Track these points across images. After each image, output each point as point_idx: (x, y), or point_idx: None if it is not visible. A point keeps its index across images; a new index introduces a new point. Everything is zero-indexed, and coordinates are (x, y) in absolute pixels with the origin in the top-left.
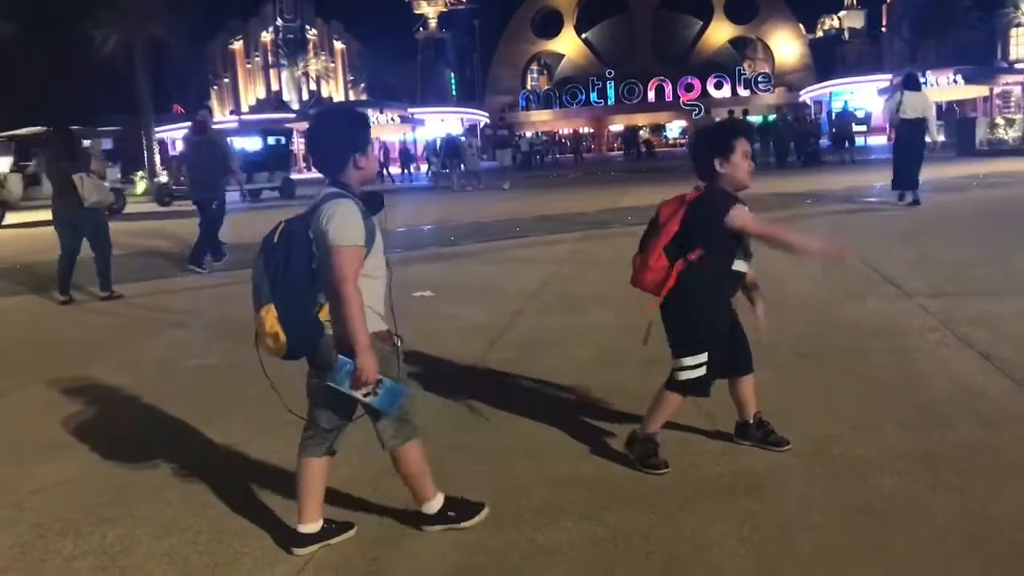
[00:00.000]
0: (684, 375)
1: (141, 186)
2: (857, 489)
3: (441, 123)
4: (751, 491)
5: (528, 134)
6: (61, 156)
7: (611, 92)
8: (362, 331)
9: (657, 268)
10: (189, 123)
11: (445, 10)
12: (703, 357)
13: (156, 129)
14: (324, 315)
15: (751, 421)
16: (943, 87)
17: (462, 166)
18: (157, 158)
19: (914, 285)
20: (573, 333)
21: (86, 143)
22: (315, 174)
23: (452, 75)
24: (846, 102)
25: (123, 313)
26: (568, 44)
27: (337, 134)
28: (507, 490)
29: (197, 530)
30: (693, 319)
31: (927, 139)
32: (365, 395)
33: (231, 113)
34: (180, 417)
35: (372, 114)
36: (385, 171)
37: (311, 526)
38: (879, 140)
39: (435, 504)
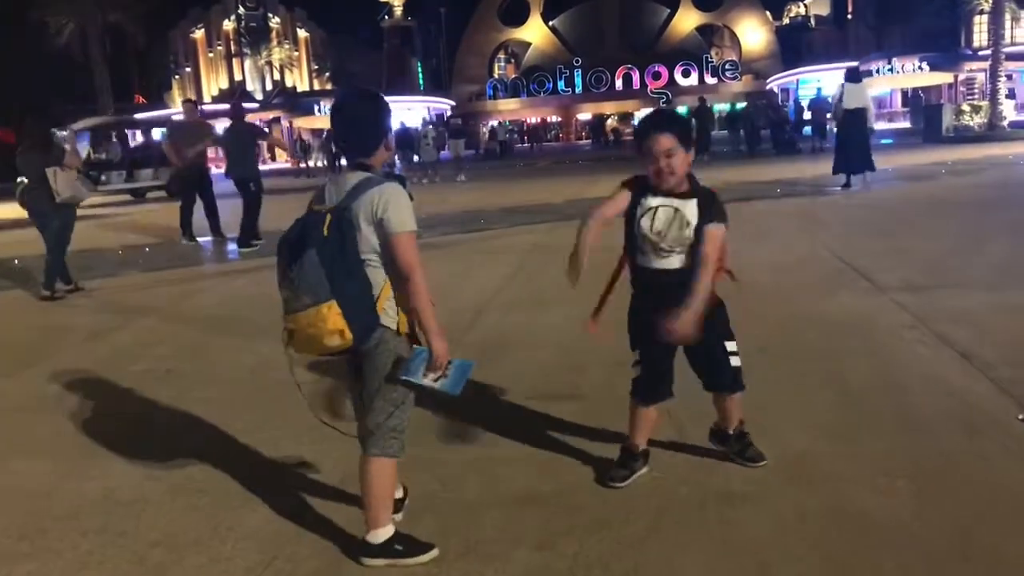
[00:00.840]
0: (632, 372)
1: None
2: (837, 509)
3: (408, 112)
4: (723, 513)
5: (494, 123)
6: (35, 148)
7: (579, 80)
8: (434, 316)
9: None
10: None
11: None
12: (636, 356)
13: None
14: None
15: (731, 432)
16: (908, 73)
17: (415, 157)
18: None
19: (887, 278)
20: (537, 333)
21: (63, 133)
22: None
23: (419, 64)
24: (819, 88)
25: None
26: (535, 32)
27: (373, 116)
28: (457, 512)
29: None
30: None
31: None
32: (436, 379)
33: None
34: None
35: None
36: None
37: (386, 530)
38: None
39: (383, 534)
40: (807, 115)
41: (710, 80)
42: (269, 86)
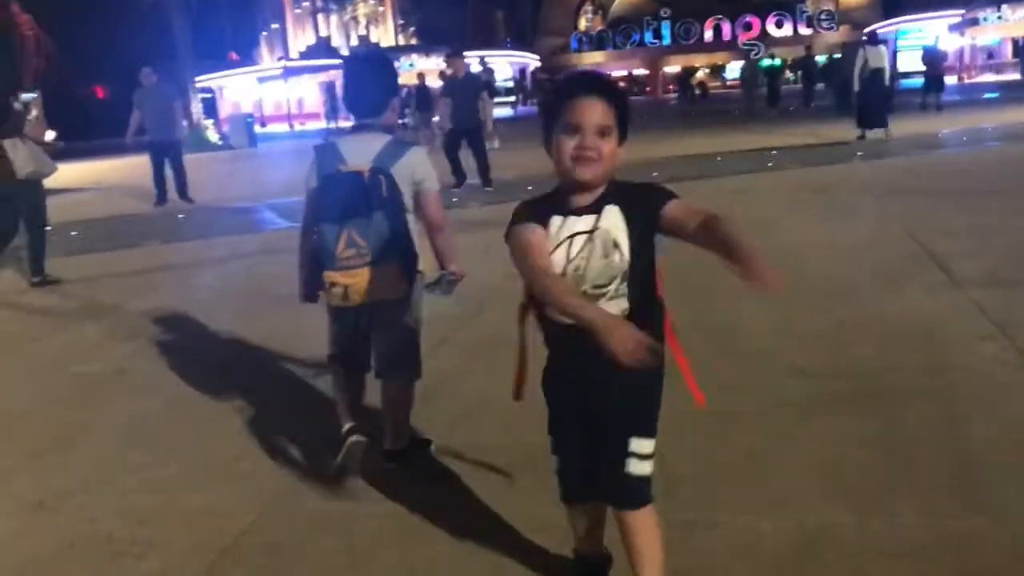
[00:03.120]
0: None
1: (212, 136)
2: None
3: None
4: None
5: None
6: None
7: (666, 32)
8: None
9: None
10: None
11: None
12: (554, 441)
13: (199, 78)
14: None
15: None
16: (1021, 20)
17: (435, 118)
18: (199, 107)
19: (965, 268)
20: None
21: (27, 97)
22: None
23: (503, 17)
24: (937, 37)
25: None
26: None
27: (382, 77)
28: None
29: None
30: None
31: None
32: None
33: (279, 59)
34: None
35: (417, 59)
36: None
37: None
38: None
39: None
40: (920, 67)
41: (804, 31)
42: (354, 41)
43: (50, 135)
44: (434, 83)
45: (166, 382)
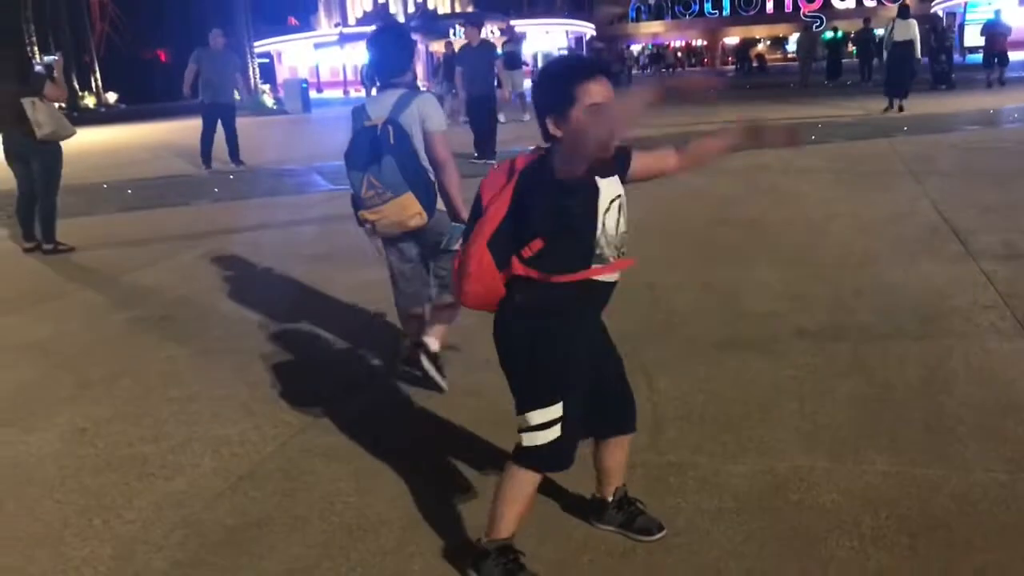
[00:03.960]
0: (530, 438)
1: (268, 100)
2: (802, 561)
3: (545, 35)
4: (653, 562)
5: (637, 47)
6: (8, 78)
7: (727, 2)
8: (461, 197)
9: (479, 274)
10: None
11: None
12: (556, 410)
13: (256, 43)
14: None
15: (610, 499)
16: None
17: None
18: (256, 72)
19: (985, 242)
20: None
21: (50, 59)
22: None
23: None
24: (998, 11)
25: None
26: None
27: (401, 48)
28: None
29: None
30: (532, 352)
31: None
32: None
33: (336, 26)
34: None
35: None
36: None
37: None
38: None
39: (434, 345)
40: (980, 41)
41: (869, 2)
42: (411, 8)
43: (112, 97)
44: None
45: (205, 329)
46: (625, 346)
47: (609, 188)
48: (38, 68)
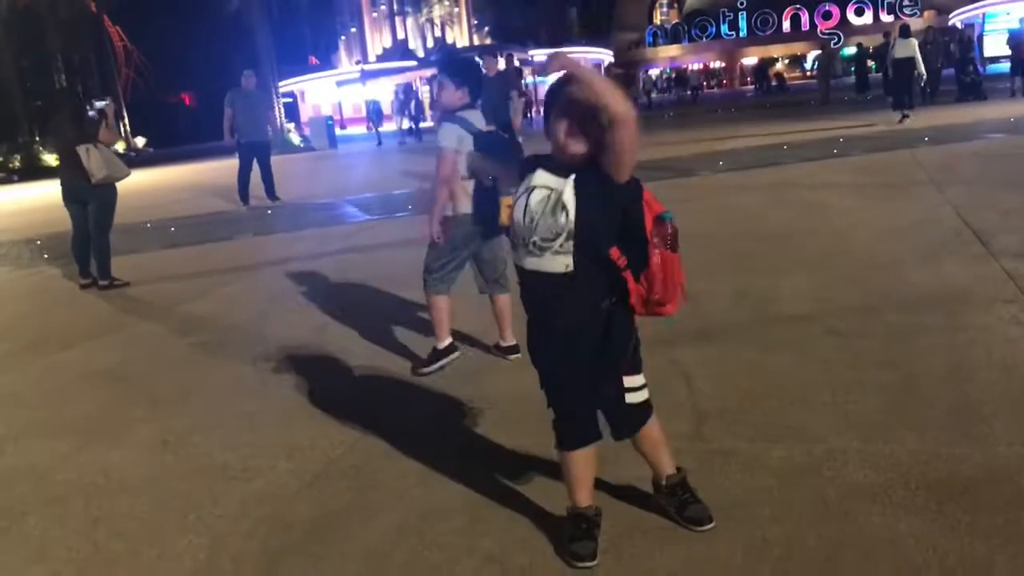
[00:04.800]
0: (550, 416)
1: (295, 138)
2: (839, 524)
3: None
4: (703, 532)
5: (655, 71)
6: (66, 124)
7: (743, 23)
8: (442, 210)
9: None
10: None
11: None
12: (553, 392)
13: (281, 83)
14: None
15: (663, 483)
16: None
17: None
18: (281, 111)
19: (1005, 242)
20: None
21: (100, 104)
22: None
23: (576, 13)
24: (1022, 19)
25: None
26: None
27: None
28: None
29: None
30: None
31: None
32: None
33: (356, 63)
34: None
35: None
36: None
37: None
38: None
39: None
40: (1007, 51)
41: (886, 18)
42: (430, 43)
43: (140, 141)
44: None
45: (261, 351)
46: (663, 349)
47: (539, 177)
48: (91, 113)
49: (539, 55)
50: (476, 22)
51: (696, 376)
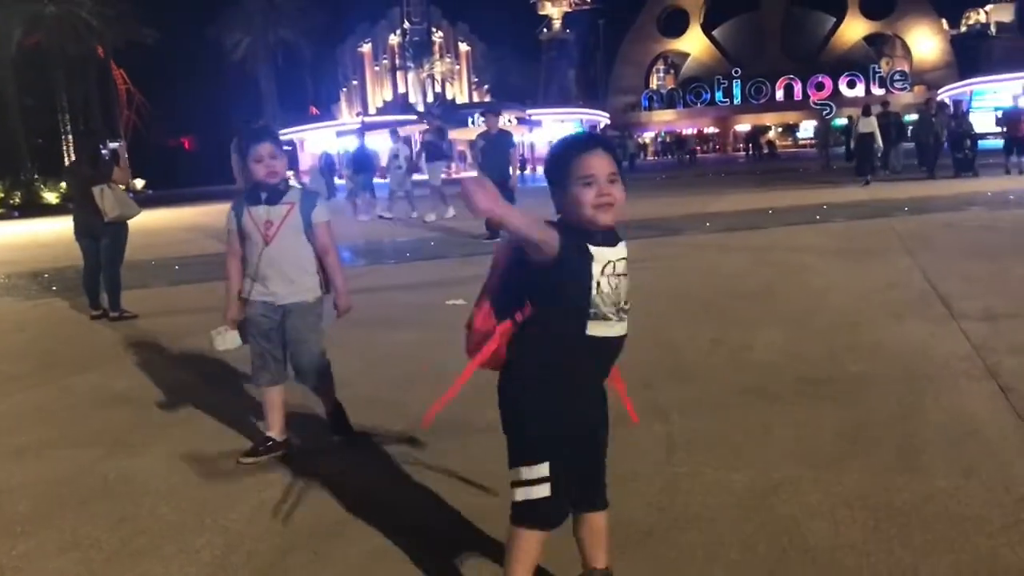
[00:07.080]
0: (521, 493)
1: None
2: (785, 540)
3: (560, 124)
4: (670, 536)
5: (649, 135)
6: (82, 163)
7: (737, 91)
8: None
9: (481, 332)
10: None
11: (570, 11)
12: (544, 468)
13: (282, 131)
14: None
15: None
16: None
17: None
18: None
19: (966, 306)
20: None
21: (113, 145)
22: None
23: (575, 75)
24: (1016, 97)
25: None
26: (694, 43)
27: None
28: None
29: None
30: (520, 409)
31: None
32: None
33: (357, 115)
34: None
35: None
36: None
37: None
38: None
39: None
40: (996, 129)
41: (877, 91)
42: (430, 98)
43: (139, 183)
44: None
45: None
46: (640, 390)
47: (603, 254)
48: (104, 153)
49: (537, 114)
50: (476, 79)
51: (672, 411)
